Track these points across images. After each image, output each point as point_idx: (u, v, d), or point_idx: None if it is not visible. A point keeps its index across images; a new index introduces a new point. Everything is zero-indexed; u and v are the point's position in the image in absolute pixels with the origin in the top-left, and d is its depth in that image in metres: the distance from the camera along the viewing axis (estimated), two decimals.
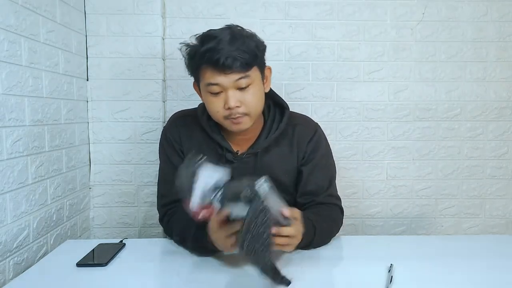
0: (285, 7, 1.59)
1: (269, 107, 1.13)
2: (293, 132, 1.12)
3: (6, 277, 1.00)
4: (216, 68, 0.94)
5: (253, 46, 0.97)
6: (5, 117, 1.01)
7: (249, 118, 1.01)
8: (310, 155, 1.12)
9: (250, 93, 0.98)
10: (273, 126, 1.10)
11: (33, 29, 1.14)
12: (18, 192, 1.06)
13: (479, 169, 1.68)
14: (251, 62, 0.96)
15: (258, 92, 1.01)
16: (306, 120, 1.18)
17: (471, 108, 1.65)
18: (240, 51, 0.93)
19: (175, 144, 1.11)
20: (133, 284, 0.85)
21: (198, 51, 0.96)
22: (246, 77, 0.96)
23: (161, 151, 1.14)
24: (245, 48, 0.94)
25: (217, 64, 0.93)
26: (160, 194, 1.13)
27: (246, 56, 0.94)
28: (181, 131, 1.11)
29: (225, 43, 0.93)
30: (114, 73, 1.53)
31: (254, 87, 0.99)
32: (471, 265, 0.93)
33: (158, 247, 1.08)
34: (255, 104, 1.00)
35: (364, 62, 1.63)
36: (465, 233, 1.70)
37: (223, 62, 0.92)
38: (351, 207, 1.68)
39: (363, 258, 0.97)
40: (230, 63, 0.92)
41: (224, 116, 0.99)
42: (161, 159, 1.15)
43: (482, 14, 1.62)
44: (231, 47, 0.93)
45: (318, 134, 1.14)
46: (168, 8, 1.56)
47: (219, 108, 0.99)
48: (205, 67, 0.96)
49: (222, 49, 0.93)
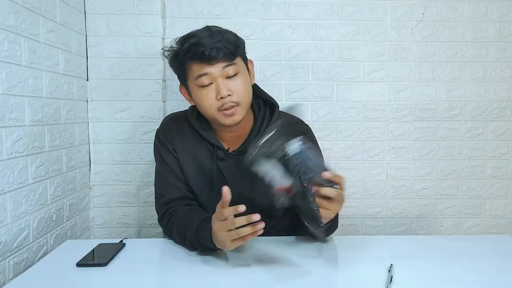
0: (285, 7, 1.59)
1: (259, 106, 1.15)
2: None
3: (6, 277, 1.00)
4: (202, 60, 0.98)
5: (233, 38, 1.02)
6: (5, 117, 1.01)
7: (241, 108, 1.03)
8: None
9: (239, 82, 1.02)
10: (263, 124, 1.11)
11: (33, 29, 1.14)
12: (18, 192, 1.06)
13: (479, 169, 1.68)
14: (234, 51, 1.00)
15: (246, 81, 1.04)
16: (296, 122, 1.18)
17: (471, 108, 1.65)
18: (223, 42, 0.98)
19: (168, 144, 1.13)
20: (133, 284, 0.85)
21: (181, 49, 1.01)
22: (233, 65, 1.00)
23: (156, 152, 1.17)
24: (226, 41, 0.99)
25: (203, 57, 0.97)
26: (157, 194, 1.14)
27: (229, 46, 0.99)
28: (173, 131, 1.14)
29: (206, 38, 0.98)
30: (114, 73, 1.53)
31: (242, 76, 1.03)
32: (471, 265, 0.93)
33: (158, 247, 1.08)
34: (244, 93, 1.03)
35: (364, 62, 1.63)
36: (465, 233, 1.70)
37: (208, 53, 0.97)
38: (351, 207, 1.68)
39: (363, 258, 0.97)
40: (215, 53, 0.97)
41: (218, 108, 1.01)
42: (156, 160, 1.17)
43: (482, 14, 1.62)
44: (212, 40, 0.98)
45: (309, 136, 1.15)
46: (168, 8, 1.56)
47: (212, 100, 1.01)
48: (191, 62, 1.00)
49: (204, 42, 0.97)
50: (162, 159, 1.13)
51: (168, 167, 1.12)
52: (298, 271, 0.89)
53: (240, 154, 1.09)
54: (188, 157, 1.12)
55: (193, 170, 1.11)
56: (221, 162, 1.10)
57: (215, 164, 1.10)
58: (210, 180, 1.10)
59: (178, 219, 1.04)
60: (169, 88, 1.59)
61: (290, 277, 0.86)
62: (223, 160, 1.09)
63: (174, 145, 1.13)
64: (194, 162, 1.11)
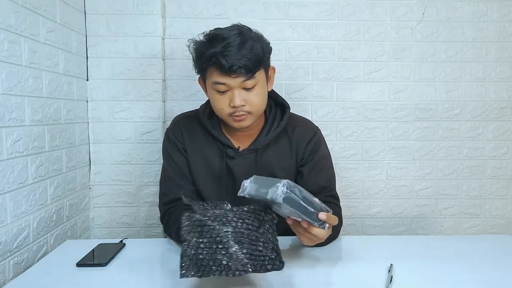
0: (285, 7, 1.59)
1: (271, 107, 1.16)
2: (292, 133, 1.14)
3: (6, 277, 1.00)
4: (222, 71, 0.96)
5: (260, 51, 0.98)
6: (5, 117, 1.01)
7: (252, 116, 1.03)
8: (310, 156, 1.13)
9: (255, 93, 1.01)
10: (273, 124, 1.12)
11: (33, 29, 1.14)
12: (18, 192, 1.06)
13: (479, 169, 1.68)
14: (256, 67, 0.98)
15: (262, 92, 1.03)
16: (306, 122, 1.20)
17: (471, 108, 1.65)
18: (246, 59, 0.95)
19: (177, 142, 1.13)
20: (133, 284, 0.85)
21: (205, 54, 0.97)
22: (252, 79, 0.98)
23: (164, 151, 1.17)
24: (251, 55, 0.95)
25: (224, 69, 0.95)
26: (161, 193, 1.15)
27: (252, 62, 0.96)
28: (183, 130, 1.14)
29: (233, 48, 0.94)
30: (114, 73, 1.53)
31: (259, 87, 1.01)
32: (471, 265, 0.93)
33: (158, 247, 1.08)
34: (259, 104, 1.03)
35: (364, 62, 1.63)
36: (465, 233, 1.70)
37: (229, 67, 0.94)
38: (351, 207, 1.68)
39: (363, 258, 0.97)
40: (235, 69, 0.95)
41: (228, 113, 1.02)
42: (164, 159, 1.17)
43: (482, 14, 1.62)
44: (237, 53, 0.94)
45: (317, 136, 1.16)
46: (168, 8, 1.56)
47: (224, 105, 1.01)
48: (212, 68, 0.98)
49: (228, 55, 0.94)
50: (170, 157, 1.13)
51: (176, 166, 1.12)
52: (298, 271, 0.89)
53: (250, 152, 1.10)
54: (198, 156, 1.12)
55: (202, 169, 1.12)
56: (231, 161, 1.10)
57: (225, 162, 1.10)
58: (219, 178, 1.11)
59: (174, 218, 1.06)
60: (169, 88, 1.59)
61: (290, 277, 0.86)
62: (233, 159, 1.10)
63: (184, 144, 1.13)
64: (203, 161, 1.12)
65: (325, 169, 1.14)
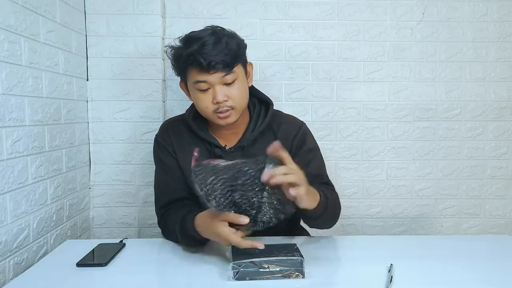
0: (285, 7, 1.59)
1: (255, 104, 1.18)
2: (278, 129, 1.16)
3: (6, 277, 1.00)
4: (201, 69, 1.00)
5: (235, 46, 1.03)
6: (5, 117, 1.01)
7: (235, 111, 1.06)
8: (297, 150, 1.15)
9: (236, 88, 1.04)
10: (258, 121, 1.15)
11: (33, 29, 1.14)
12: (18, 192, 1.06)
13: (479, 169, 1.68)
14: (233, 62, 1.02)
15: (243, 87, 1.07)
16: (291, 118, 1.22)
17: (471, 108, 1.65)
18: (222, 54, 0.99)
19: (166, 146, 1.15)
20: (133, 284, 0.85)
21: (183, 55, 1.02)
22: (231, 73, 1.03)
23: (155, 156, 1.19)
24: (227, 51, 1.00)
25: (203, 67, 0.99)
26: (156, 197, 1.17)
27: (228, 57, 1.01)
28: (171, 134, 1.16)
29: (208, 45, 0.99)
30: (114, 73, 1.53)
31: (239, 82, 1.05)
32: (471, 265, 0.93)
33: (158, 247, 1.08)
34: (240, 98, 1.06)
35: (364, 62, 1.63)
36: (465, 233, 1.70)
37: (208, 64, 0.98)
38: (351, 207, 1.68)
39: (363, 258, 0.97)
40: (214, 65, 0.99)
41: (213, 111, 1.05)
42: (156, 164, 1.19)
43: (482, 14, 1.62)
44: (213, 50, 0.99)
45: (303, 130, 1.18)
46: (168, 8, 1.56)
47: (208, 103, 1.04)
48: (191, 68, 1.02)
49: (205, 52, 0.98)
50: (161, 162, 1.16)
51: (168, 169, 1.14)
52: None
53: (237, 150, 1.12)
54: (187, 157, 1.12)
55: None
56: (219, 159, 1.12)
57: None
58: None
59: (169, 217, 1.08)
60: (169, 88, 1.59)
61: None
62: (221, 157, 1.11)
63: (173, 147, 1.15)
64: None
65: (314, 160, 1.16)
